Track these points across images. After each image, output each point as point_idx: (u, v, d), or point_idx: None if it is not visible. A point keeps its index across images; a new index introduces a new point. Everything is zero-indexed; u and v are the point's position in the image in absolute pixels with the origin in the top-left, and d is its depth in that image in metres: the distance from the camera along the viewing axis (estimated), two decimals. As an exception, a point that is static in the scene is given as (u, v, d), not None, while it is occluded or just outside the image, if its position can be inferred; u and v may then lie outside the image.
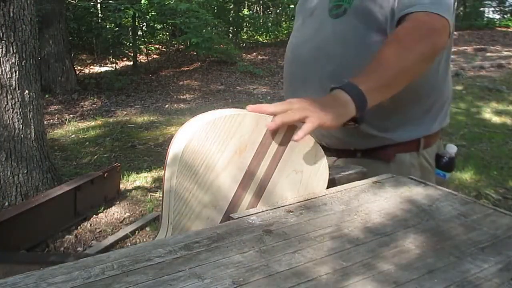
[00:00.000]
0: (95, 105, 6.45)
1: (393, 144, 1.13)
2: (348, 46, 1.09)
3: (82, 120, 5.70)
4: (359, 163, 1.06)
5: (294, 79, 1.23)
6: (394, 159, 1.13)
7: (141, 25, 9.69)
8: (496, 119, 5.53)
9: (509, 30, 13.07)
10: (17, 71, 2.94)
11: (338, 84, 0.87)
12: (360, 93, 0.84)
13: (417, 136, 1.13)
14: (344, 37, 1.09)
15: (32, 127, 3.08)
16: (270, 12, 13.22)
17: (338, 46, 1.10)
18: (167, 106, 6.53)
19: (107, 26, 8.79)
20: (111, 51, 8.72)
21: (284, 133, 0.82)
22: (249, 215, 0.76)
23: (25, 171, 3.05)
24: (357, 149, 1.16)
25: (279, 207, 0.80)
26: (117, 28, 8.63)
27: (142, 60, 9.15)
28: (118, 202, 3.21)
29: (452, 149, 1.19)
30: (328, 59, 1.11)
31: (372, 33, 1.06)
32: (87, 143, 4.72)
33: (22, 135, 3.02)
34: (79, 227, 2.84)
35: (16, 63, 2.92)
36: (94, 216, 2.98)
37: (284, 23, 12.19)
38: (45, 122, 4.17)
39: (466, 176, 3.59)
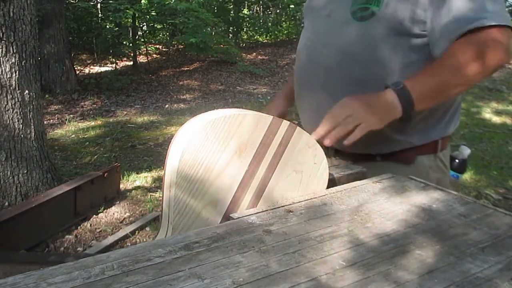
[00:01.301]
0: (95, 105, 6.44)
1: (414, 146, 1.12)
2: (376, 50, 1.05)
3: (82, 120, 5.70)
4: (380, 167, 1.05)
5: (311, 84, 1.18)
6: (415, 162, 1.13)
7: (141, 25, 9.69)
8: (496, 119, 5.53)
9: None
10: (17, 71, 2.93)
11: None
12: (410, 99, 0.92)
13: (436, 138, 1.13)
14: (372, 41, 1.06)
15: (32, 127, 3.08)
16: (270, 12, 13.22)
17: (366, 50, 1.06)
18: (167, 106, 6.53)
19: (107, 26, 8.78)
20: (111, 51, 8.71)
21: (284, 133, 0.82)
22: (249, 215, 0.76)
23: (25, 171, 3.05)
24: (379, 153, 1.14)
25: (279, 207, 0.80)
26: (117, 28, 8.63)
27: (142, 60, 9.15)
28: (118, 202, 3.21)
29: (465, 150, 1.21)
30: (354, 63, 1.08)
31: (401, 37, 1.04)
32: (87, 143, 4.72)
33: (22, 135, 3.02)
34: (79, 227, 2.84)
35: (16, 63, 2.92)
36: (94, 216, 2.98)
37: (284, 23, 12.19)
38: (45, 122, 4.17)
39: (466, 176, 3.58)
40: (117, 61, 8.82)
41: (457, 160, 1.20)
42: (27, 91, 3.02)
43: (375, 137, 1.05)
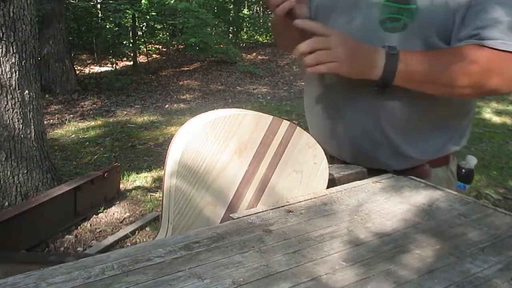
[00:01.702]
0: (95, 105, 6.44)
1: (429, 161, 1.10)
2: None
3: (82, 120, 5.70)
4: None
5: (334, 96, 1.09)
6: (430, 175, 1.09)
7: (141, 25, 9.69)
8: (496, 119, 5.53)
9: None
10: (17, 71, 2.93)
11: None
12: (394, 68, 0.89)
13: (450, 151, 1.11)
14: None
15: (32, 127, 3.08)
16: (270, 12, 13.20)
17: None
18: (167, 106, 6.53)
19: (107, 26, 8.78)
20: (111, 51, 8.71)
21: (284, 133, 0.82)
22: (249, 215, 0.76)
23: (25, 171, 3.05)
24: (394, 170, 1.09)
25: (279, 207, 0.80)
26: (117, 28, 8.63)
27: (142, 60, 9.15)
28: (118, 202, 3.21)
29: (472, 160, 1.18)
30: None
31: (435, 46, 0.99)
32: (87, 143, 4.72)
33: (22, 135, 3.02)
34: (79, 227, 2.84)
35: (16, 63, 2.92)
36: (94, 216, 2.98)
37: (284, 23, 12.15)
38: (45, 122, 4.17)
39: (466, 176, 3.57)
40: (117, 61, 8.82)
41: (463, 170, 1.18)
42: (27, 91, 3.02)
43: (387, 154, 1.03)
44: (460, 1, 0.93)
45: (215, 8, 11.03)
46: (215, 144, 0.76)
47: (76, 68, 7.48)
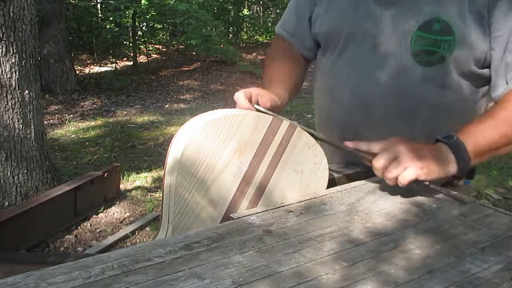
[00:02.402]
0: (95, 105, 6.44)
1: None
2: (444, 95, 0.96)
3: (82, 120, 5.70)
4: None
5: (361, 129, 1.04)
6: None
7: (141, 25, 9.69)
8: (496, 119, 5.52)
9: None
10: (17, 71, 2.93)
11: (442, 136, 0.84)
12: (466, 156, 0.82)
13: None
14: (441, 86, 0.96)
15: (32, 127, 3.08)
16: (270, 12, 13.21)
17: (432, 96, 0.97)
18: (167, 106, 6.53)
19: (107, 26, 8.78)
20: (111, 51, 8.71)
21: (284, 133, 0.82)
22: (249, 215, 0.76)
23: (25, 171, 3.05)
24: None
25: (279, 207, 0.80)
26: (117, 28, 8.63)
27: (142, 60, 9.15)
28: (118, 202, 3.21)
29: None
30: (417, 110, 0.99)
31: (470, 81, 0.96)
32: (87, 143, 4.72)
33: (22, 135, 3.02)
34: (79, 227, 2.84)
35: (16, 63, 2.92)
36: (94, 216, 2.98)
37: (284, 23, 12.16)
38: (45, 122, 4.17)
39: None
40: (117, 61, 8.82)
41: None
42: (27, 91, 3.02)
43: None
44: (499, 27, 0.89)
45: (215, 8, 11.03)
46: (215, 144, 0.76)
47: (76, 68, 7.48)
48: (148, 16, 8.91)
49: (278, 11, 12.69)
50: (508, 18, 0.88)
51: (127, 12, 7.85)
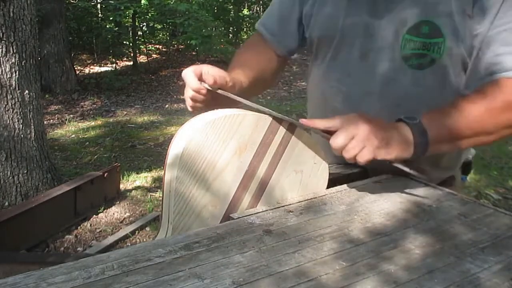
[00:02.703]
0: (95, 105, 6.44)
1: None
2: (435, 97, 0.95)
3: (82, 120, 5.70)
4: None
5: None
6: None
7: (141, 25, 9.69)
8: (496, 119, 5.52)
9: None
10: (17, 71, 2.93)
11: (405, 115, 0.81)
12: (425, 140, 0.80)
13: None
14: (432, 88, 0.96)
15: (32, 127, 3.08)
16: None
17: (424, 99, 0.96)
18: (167, 106, 6.53)
19: (107, 26, 8.78)
20: (111, 51, 8.71)
21: (284, 133, 0.82)
22: (249, 215, 0.76)
23: (25, 171, 3.05)
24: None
25: (279, 207, 0.80)
26: (117, 28, 8.63)
27: (142, 60, 9.15)
28: (118, 202, 3.21)
29: (471, 150, 1.20)
30: (411, 113, 0.95)
31: (460, 77, 0.95)
32: (87, 143, 4.72)
33: (22, 135, 3.02)
34: (79, 227, 2.84)
35: (16, 63, 2.92)
36: (94, 216, 2.98)
37: (284, 23, 12.16)
38: (45, 122, 4.17)
39: (466, 176, 3.58)
40: (117, 61, 8.82)
41: (464, 162, 1.19)
42: (27, 91, 3.02)
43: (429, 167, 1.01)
44: (480, 26, 0.88)
45: (215, 8, 11.03)
46: (215, 144, 0.76)
47: (76, 68, 7.48)
48: (148, 16, 8.90)
49: (278, 11, 12.67)
50: (489, 14, 0.87)
51: (127, 12, 7.85)
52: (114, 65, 8.57)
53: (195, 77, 0.87)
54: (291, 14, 1.10)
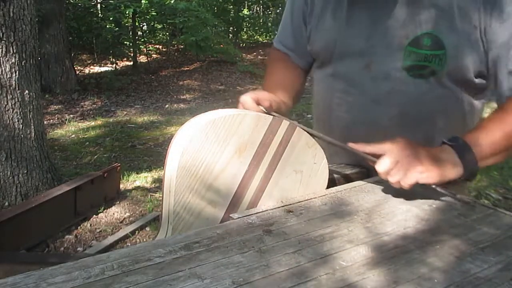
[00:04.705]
0: (95, 105, 6.44)
1: None
2: (441, 107, 0.98)
3: (82, 120, 5.70)
4: None
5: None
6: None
7: (141, 25, 9.69)
8: (496, 119, 5.52)
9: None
10: (17, 71, 2.93)
11: (446, 139, 0.84)
12: (472, 158, 0.82)
13: None
14: (437, 98, 0.98)
15: (32, 127, 3.08)
16: (270, 12, 13.22)
17: (429, 108, 0.99)
18: (167, 106, 6.53)
19: (107, 26, 8.78)
20: (111, 51, 8.71)
21: (284, 133, 0.82)
22: (249, 215, 0.76)
23: (25, 171, 3.05)
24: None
25: (279, 207, 0.80)
26: (117, 28, 8.63)
27: (142, 60, 9.15)
28: (118, 202, 3.21)
29: None
30: (418, 125, 1.00)
31: (465, 88, 0.97)
32: (87, 143, 4.72)
33: (22, 135, 3.02)
34: (79, 227, 2.84)
35: (16, 63, 2.92)
36: (94, 216, 2.98)
37: (284, 23, 12.17)
38: (45, 122, 4.17)
39: (466, 176, 3.57)
40: (117, 61, 8.83)
41: None
42: (27, 91, 3.02)
43: None
44: (493, 38, 0.89)
45: (215, 8, 11.03)
46: (215, 144, 0.76)
47: (76, 68, 7.48)
48: (148, 16, 8.91)
49: (278, 11, 12.70)
50: (506, 27, 0.88)
51: (127, 12, 7.84)
52: (114, 65, 8.58)
53: (253, 102, 0.92)
54: (302, 30, 1.15)
